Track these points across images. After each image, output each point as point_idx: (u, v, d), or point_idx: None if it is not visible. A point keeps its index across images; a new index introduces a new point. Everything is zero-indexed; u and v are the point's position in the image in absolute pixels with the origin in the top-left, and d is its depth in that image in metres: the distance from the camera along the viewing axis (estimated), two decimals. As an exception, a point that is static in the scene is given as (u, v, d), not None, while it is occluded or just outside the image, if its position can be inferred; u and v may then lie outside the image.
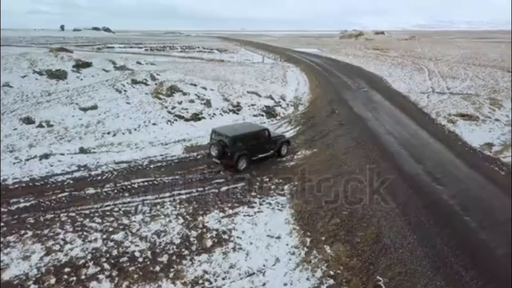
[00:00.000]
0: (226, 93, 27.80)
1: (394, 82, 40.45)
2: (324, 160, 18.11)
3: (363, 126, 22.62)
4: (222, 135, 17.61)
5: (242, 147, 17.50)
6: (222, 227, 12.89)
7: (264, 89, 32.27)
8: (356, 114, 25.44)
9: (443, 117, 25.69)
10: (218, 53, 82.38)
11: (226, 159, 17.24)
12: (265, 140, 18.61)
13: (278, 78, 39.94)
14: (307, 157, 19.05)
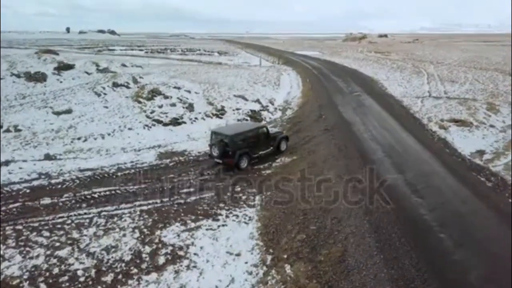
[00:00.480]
0: (211, 96, 26.93)
1: (390, 85, 39.40)
2: (302, 169, 17.14)
3: (348, 132, 21.63)
4: (222, 135, 17.78)
5: (243, 146, 17.82)
6: (180, 242, 12.01)
7: (253, 93, 31.37)
8: (343, 119, 24.46)
9: (435, 122, 24.65)
10: (218, 56, 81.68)
11: (227, 158, 17.45)
12: (264, 137, 19.09)
13: (271, 82, 39.01)
14: (285, 164, 18.12)
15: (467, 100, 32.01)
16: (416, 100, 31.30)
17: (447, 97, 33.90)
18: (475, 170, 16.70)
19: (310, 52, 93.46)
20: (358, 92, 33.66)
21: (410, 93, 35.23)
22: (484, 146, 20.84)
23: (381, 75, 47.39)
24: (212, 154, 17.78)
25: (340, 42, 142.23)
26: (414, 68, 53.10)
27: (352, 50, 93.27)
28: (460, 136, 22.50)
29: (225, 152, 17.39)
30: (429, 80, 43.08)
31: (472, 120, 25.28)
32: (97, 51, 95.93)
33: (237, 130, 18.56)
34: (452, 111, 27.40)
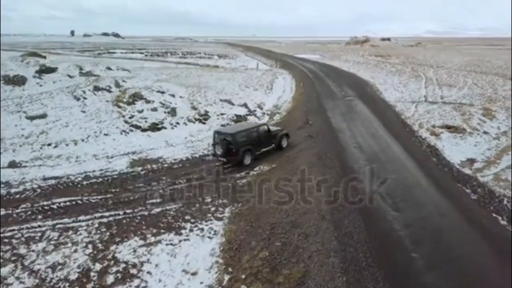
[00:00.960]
0: (196, 101, 26.14)
1: (386, 90, 38.49)
2: (279, 178, 16.27)
3: (333, 139, 20.75)
4: (225, 134, 18.28)
5: (245, 143, 18.37)
6: (135, 259, 11.18)
7: (242, 97, 30.57)
8: (330, 125, 23.59)
9: (426, 129, 23.72)
10: (216, 59, 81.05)
11: (231, 156, 17.92)
12: (266, 134, 19.71)
13: (263, 85, 38.19)
14: (263, 173, 17.25)
15: (463, 105, 31.05)
16: (410, 105, 30.36)
17: (443, 102, 32.96)
18: (461, 181, 15.76)
19: (310, 55, 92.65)
20: (351, 96, 32.76)
21: (406, 98, 34.32)
22: (475, 154, 19.93)
23: (378, 79, 46.45)
24: (216, 152, 18.18)
25: (343, 45, 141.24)
26: (413, 72, 52.14)
27: (353, 54, 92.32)
28: (451, 143, 21.57)
29: (229, 150, 17.82)
30: (427, 85, 42.11)
31: (465, 127, 24.32)
32: (97, 54, 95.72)
33: (239, 129, 19.16)
34: (445, 117, 26.46)
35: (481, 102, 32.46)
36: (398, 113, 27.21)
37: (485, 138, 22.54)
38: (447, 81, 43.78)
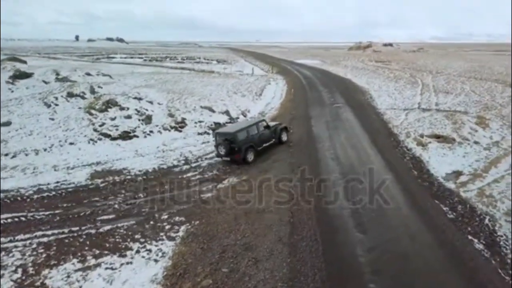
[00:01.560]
0: (175, 107, 25.10)
1: (380, 97, 37.31)
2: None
3: (311, 149, 19.64)
4: (226, 134, 18.81)
5: (247, 140, 18.88)
6: (66, 286, 10.05)
7: (227, 103, 29.51)
8: (311, 134, 22.48)
9: (413, 138, 22.50)
10: (214, 64, 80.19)
11: (234, 154, 18.40)
12: (265, 130, 20.40)
13: (252, 92, 37.13)
14: (230, 186, 16.10)
15: (457, 113, 29.83)
16: (400, 113, 29.17)
17: (437, 109, 31.76)
18: (441, 197, 14.56)
19: (310, 61, 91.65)
20: (340, 104, 31.65)
21: (398, 105, 33.14)
22: (462, 166, 18.70)
23: (374, 85, 45.28)
24: (219, 153, 18.60)
25: (346, 51, 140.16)
26: (411, 78, 50.92)
27: (354, 59, 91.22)
28: (438, 154, 20.36)
29: (231, 149, 18.34)
30: (423, 91, 40.90)
31: (455, 136, 23.09)
32: (95, 59, 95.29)
33: (238, 127, 19.53)
34: (436, 126, 25.24)
35: (477, 109, 31.21)
36: (386, 121, 26.04)
37: (475, 149, 21.29)
38: (444, 88, 42.54)
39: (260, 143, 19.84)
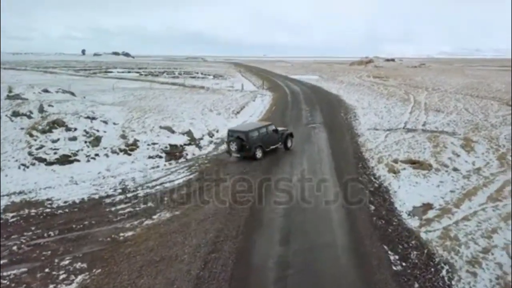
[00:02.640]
0: (131, 128, 23.25)
1: (365, 115, 35.29)
2: (171, 233, 13.11)
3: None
4: (239, 132, 20.62)
5: (257, 140, 20.68)
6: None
7: (196, 122, 27.63)
8: (272, 160, 20.44)
9: (386, 164, 20.38)
10: (209, 79, 78.84)
11: (245, 151, 20.24)
12: (273, 133, 22.03)
13: (230, 109, 35.28)
14: (159, 223, 14.05)
15: (443, 134, 27.71)
16: (380, 134, 27.07)
17: (423, 129, 29.68)
18: (394, 240, 12.43)
19: (308, 76, 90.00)
20: (317, 124, 29.70)
21: (383, 125, 31.06)
22: (433, 198, 16.60)
23: (363, 102, 43.30)
24: (230, 149, 20.50)
25: (347, 66, 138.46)
26: (404, 95, 48.89)
27: (353, 75, 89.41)
28: (410, 183, 18.27)
29: (243, 147, 20.12)
30: (413, 109, 38.83)
31: (433, 162, 20.96)
32: (91, 73, 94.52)
33: (251, 128, 21.33)
34: (415, 149, 23.11)
35: (465, 130, 29.07)
36: (360, 144, 23.99)
37: (452, 177, 19.14)
38: (436, 106, 40.43)
39: (268, 144, 21.56)
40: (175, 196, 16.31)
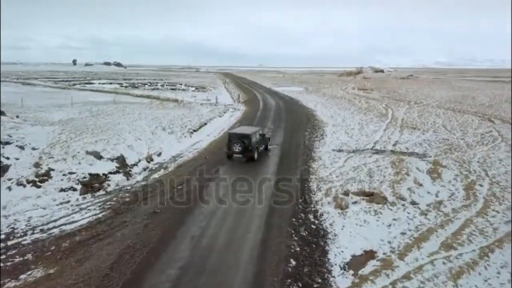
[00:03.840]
0: (50, 154, 20.47)
1: (334, 133, 32.69)
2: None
3: (185, 218, 14.82)
4: (241, 135, 22.48)
5: (255, 142, 22.70)
6: None
7: (141, 143, 25.02)
8: (202, 192, 17.65)
9: (334, 197, 17.64)
10: (190, 91, 76.60)
11: (247, 152, 22.13)
12: (262, 136, 24.70)
13: (187, 127, 32.52)
14: (34, 282, 11.20)
15: (412, 155, 25.13)
16: (340, 158, 24.42)
17: (392, 150, 27.11)
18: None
19: (293, 88, 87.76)
20: (273, 145, 26.97)
21: (350, 145, 28.45)
22: (379, 244, 13.98)
23: (338, 118, 40.74)
24: (234, 150, 22.13)
25: (336, 77, 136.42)
26: (383, 110, 46.44)
27: (338, 87, 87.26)
28: (357, 222, 15.62)
29: (246, 148, 21.93)
30: (388, 126, 36.30)
31: (389, 193, 18.29)
32: (70, 85, 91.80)
33: (251, 131, 23.32)
34: (373, 177, 20.43)
35: (437, 151, 26.52)
36: (311, 171, 21.25)
37: (408, 213, 16.49)
38: (413, 122, 37.92)
39: (260, 146, 23.80)
40: (65, 245, 13.45)
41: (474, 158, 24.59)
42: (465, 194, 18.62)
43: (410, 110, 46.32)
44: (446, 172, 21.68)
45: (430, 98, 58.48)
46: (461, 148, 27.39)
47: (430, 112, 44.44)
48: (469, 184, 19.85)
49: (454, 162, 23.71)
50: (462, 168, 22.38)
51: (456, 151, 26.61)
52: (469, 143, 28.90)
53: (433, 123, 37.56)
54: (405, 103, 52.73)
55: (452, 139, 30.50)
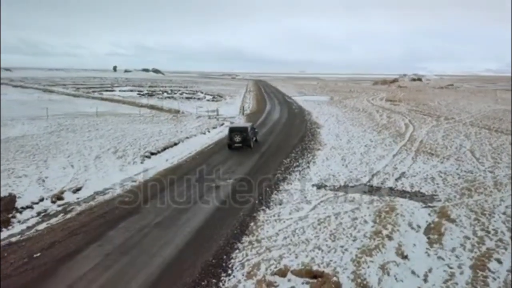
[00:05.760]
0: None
1: (328, 159, 26.63)
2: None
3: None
4: (241, 128, 29.29)
5: (251, 134, 28.94)
6: None
7: (49, 176, 20.03)
8: (107, 275, 12.05)
9: (261, 280, 11.63)
10: (203, 100, 72.25)
11: (245, 142, 27.90)
12: (253, 129, 31.06)
13: (145, 149, 27.20)
14: None
15: (413, 198, 18.78)
16: (311, 201, 18.25)
17: (391, 188, 20.78)
18: None
19: (318, 97, 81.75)
20: (231, 180, 21.08)
21: (339, 178, 22.42)
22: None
23: (343, 137, 34.35)
24: (235, 141, 27.67)
25: (369, 85, 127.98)
26: (402, 127, 39.38)
27: (365, 97, 79.87)
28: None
29: (244, 138, 27.72)
30: (400, 150, 29.52)
31: (345, 277, 12.09)
32: (89, 92, 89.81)
33: (247, 125, 30.48)
34: (336, 241, 14.20)
35: (452, 192, 19.89)
36: (252, 228, 15.19)
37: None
38: (433, 146, 30.89)
39: (253, 137, 29.42)
40: None
41: (500, 207, 17.67)
42: (472, 276, 12.08)
43: (435, 128, 38.99)
44: (453, 232, 15.11)
45: (465, 112, 50.43)
46: (485, 188, 20.43)
47: (460, 131, 36.98)
48: (482, 256, 13.22)
49: (469, 212, 16.98)
50: (478, 225, 15.67)
51: (477, 193, 19.72)
52: (498, 180, 21.84)
53: (458, 147, 30.37)
54: (433, 119, 45.22)
55: (478, 173, 23.50)
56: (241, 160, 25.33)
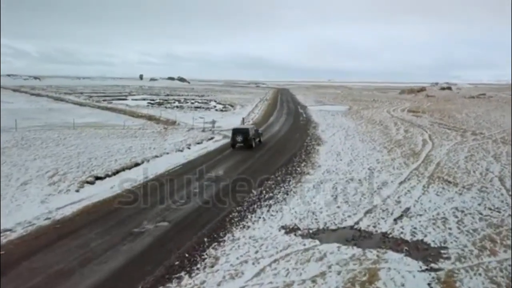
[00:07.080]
0: None
1: (315, 188, 21.33)
2: None
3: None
4: (243, 129, 31.77)
5: (253, 135, 31.48)
6: None
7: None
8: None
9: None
10: (212, 111, 68.43)
11: (247, 142, 30.53)
12: (257, 131, 33.54)
13: (93, 171, 22.79)
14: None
15: (412, 254, 13.43)
16: (255, 263, 13.14)
17: (385, 234, 15.54)
18: None
19: (336, 107, 76.30)
20: (165, 223, 16.16)
21: (321, 216, 17.51)
22: None
23: (345, 157, 29.03)
24: (237, 140, 30.56)
25: (397, 94, 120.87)
26: (418, 145, 33.61)
27: (387, 107, 73.73)
28: None
29: (246, 139, 30.39)
30: (410, 176, 24.04)
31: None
32: (99, 101, 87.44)
33: (249, 127, 33.06)
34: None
35: (468, 241, 14.53)
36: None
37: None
38: (453, 170, 25.18)
39: (256, 139, 32.36)
40: None
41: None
42: None
43: (459, 145, 33.01)
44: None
45: (496, 126, 43.89)
46: (507, 240, 14.82)
47: (488, 150, 30.93)
48: None
49: (490, 285, 11.51)
50: None
51: (504, 246, 14.17)
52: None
53: (484, 173, 24.55)
54: (458, 134, 39.11)
55: (507, 211, 17.88)
56: (200, 190, 20.40)
